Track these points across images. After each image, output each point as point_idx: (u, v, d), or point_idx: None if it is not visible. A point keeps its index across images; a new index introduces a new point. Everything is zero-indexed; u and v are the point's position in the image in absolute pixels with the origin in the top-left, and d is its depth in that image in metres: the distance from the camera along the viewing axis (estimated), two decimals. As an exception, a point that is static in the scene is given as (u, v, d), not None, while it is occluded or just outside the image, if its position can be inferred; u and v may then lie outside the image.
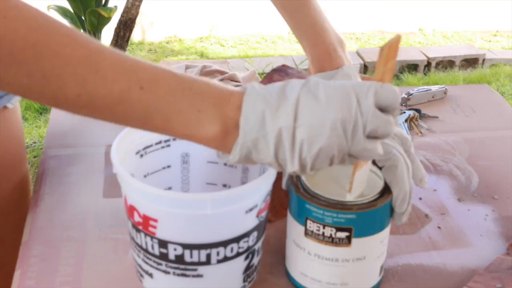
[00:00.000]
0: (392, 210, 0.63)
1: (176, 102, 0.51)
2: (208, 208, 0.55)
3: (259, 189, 0.58)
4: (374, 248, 0.63)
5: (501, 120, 1.04)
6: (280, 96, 0.52)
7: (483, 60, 3.40)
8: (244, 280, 0.63)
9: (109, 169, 0.88)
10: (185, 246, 0.58)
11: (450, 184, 0.87)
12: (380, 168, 0.63)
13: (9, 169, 0.89)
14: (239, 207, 0.57)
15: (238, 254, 0.60)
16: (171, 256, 0.59)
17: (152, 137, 0.67)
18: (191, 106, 0.51)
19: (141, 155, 0.67)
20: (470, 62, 3.41)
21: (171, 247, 0.58)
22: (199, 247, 0.58)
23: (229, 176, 0.71)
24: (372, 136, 0.52)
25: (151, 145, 0.67)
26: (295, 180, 0.64)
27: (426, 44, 3.69)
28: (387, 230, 0.63)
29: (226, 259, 0.59)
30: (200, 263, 0.59)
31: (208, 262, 0.59)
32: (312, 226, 0.61)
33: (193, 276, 0.60)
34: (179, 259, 0.59)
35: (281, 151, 0.52)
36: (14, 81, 0.47)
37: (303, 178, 0.63)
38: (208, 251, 0.58)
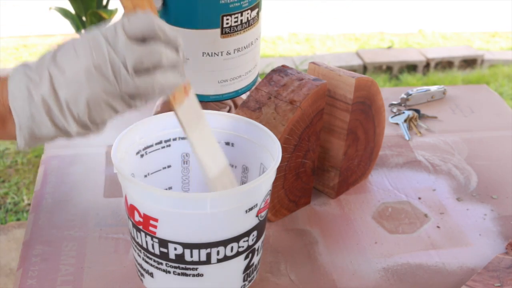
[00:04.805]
0: None
1: None
2: (208, 207, 0.56)
3: (259, 189, 0.59)
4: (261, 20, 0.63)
5: (500, 120, 1.04)
6: (38, 66, 0.51)
7: (482, 60, 3.41)
8: (244, 279, 0.64)
9: (109, 169, 0.88)
10: (185, 245, 0.58)
11: (449, 184, 0.88)
12: None
13: None
14: (239, 207, 0.58)
15: (238, 254, 0.60)
16: (172, 255, 0.59)
17: (152, 137, 0.67)
18: None
19: (142, 155, 0.67)
20: (469, 62, 3.41)
21: (171, 246, 0.58)
22: (199, 246, 0.58)
23: (229, 176, 0.71)
24: (145, 70, 0.50)
25: (151, 145, 0.68)
26: None
27: (425, 45, 3.69)
28: None
29: (226, 258, 0.60)
30: (200, 263, 0.59)
31: (208, 261, 0.59)
32: (230, 21, 0.59)
33: (194, 275, 0.60)
34: (180, 259, 0.59)
35: (55, 118, 0.51)
36: None
37: None
38: (208, 250, 0.58)
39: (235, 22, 0.59)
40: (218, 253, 0.59)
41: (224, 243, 0.59)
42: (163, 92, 0.52)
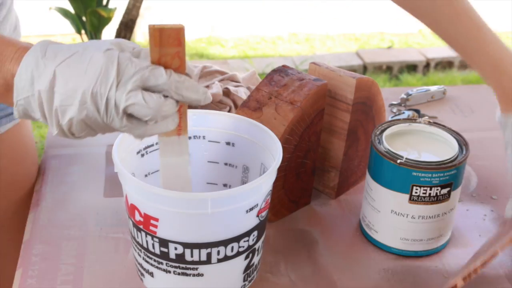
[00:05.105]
0: None
1: None
2: (209, 207, 0.56)
3: (259, 189, 0.59)
4: (458, 197, 0.72)
5: (500, 121, 1.04)
6: (50, 59, 0.51)
7: (482, 61, 3.40)
8: (244, 279, 0.64)
9: (110, 169, 0.88)
10: (185, 245, 0.58)
11: (449, 184, 0.88)
12: None
13: (23, 184, 0.88)
14: (239, 207, 0.58)
15: (239, 254, 0.60)
16: (172, 255, 0.59)
17: (153, 137, 0.67)
18: None
19: (142, 155, 0.67)
20: (469, 63, 3.41)
21: (171, 246, 0.58)
22: (200, 246, 0.58)
23: (230, 176, 0.71)
24: (136, 118, 0.51)
25: (152, 145, 0.68)
26: (389, 153, 0.69)
27: (425, 45, 3.69)
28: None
29: (226, 258, 0.60)
30: (200, 262, 0.59)
31: (208, 261, 0.59)
32: (418, 191, 0.67)
33: (194, 275, 0.60)
34: (180, 258, 0.59)
35: (45, 114, 0.52)
36: None
37: (390, 148, 0.69)
38: (208, 250, 0.58)
39: (423, 193, 0.68)
40: (218, 253, 0.59)
41: (225, 243, 0.59)
42: (146, 137, 0.53)
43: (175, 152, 0.58)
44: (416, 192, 0.68)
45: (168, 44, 0.51)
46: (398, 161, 0.67)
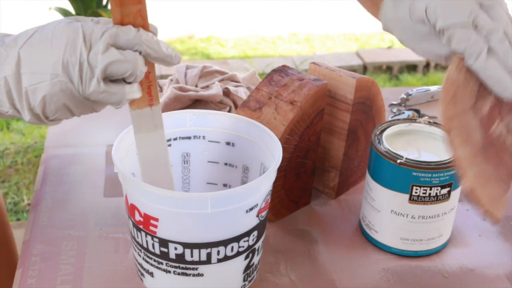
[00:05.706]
0: None
1: None
2: (209, 207, 0.56)
3: (259, 189, 0.59)
4: (458, 197, 0.72)
5: (500, 121, 1.04)
6: (11, 43, 0.50)
7: (482, 61, 3.40)
8: (244, 279, 0.64)
9: (109, 169, 0.88)
10: (185, 245, 0.58)
11: (449, 184, 0.88)
12: None
13: None
14: (239, 207, 0.58)
15: (239, 254, 0.60)
16: (172, 255, 0.59)
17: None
18: None
19: (142, 155, 0.67)
20: (470, 63, 3.41)
21: (171, 246, 0.58)
22: (200, 246, 0.58)
23: (230, 176, 0.71)
24: (112, 80, 0.50)
25: (152, 145, 0.67)
26: (389, 153, 0.69)
27: (426, 45, 3.69)
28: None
29: (226, 258, 0.60)
30: (200, 262, 0.59)
31: (208, 261, 0.59)
32: (418, 191, 0.67)
33: (194, 275, 0.60)
34: (180, 258, 0.59)
35: (13, 100, 0.51)
36: None
37: (390, 148, 0.69)
38: (208, 250, 0.58)
39: (423, 193, 0.68)
40: (218, 253, 0.59)
41: (225, 243, 0.59)
42: (124, 102, 0.52)
43: (149, 126, 0.57)
44: (416, 192, 0.68)
45: (129, 2, 0.50)
46: (398, 161, 0.67)
